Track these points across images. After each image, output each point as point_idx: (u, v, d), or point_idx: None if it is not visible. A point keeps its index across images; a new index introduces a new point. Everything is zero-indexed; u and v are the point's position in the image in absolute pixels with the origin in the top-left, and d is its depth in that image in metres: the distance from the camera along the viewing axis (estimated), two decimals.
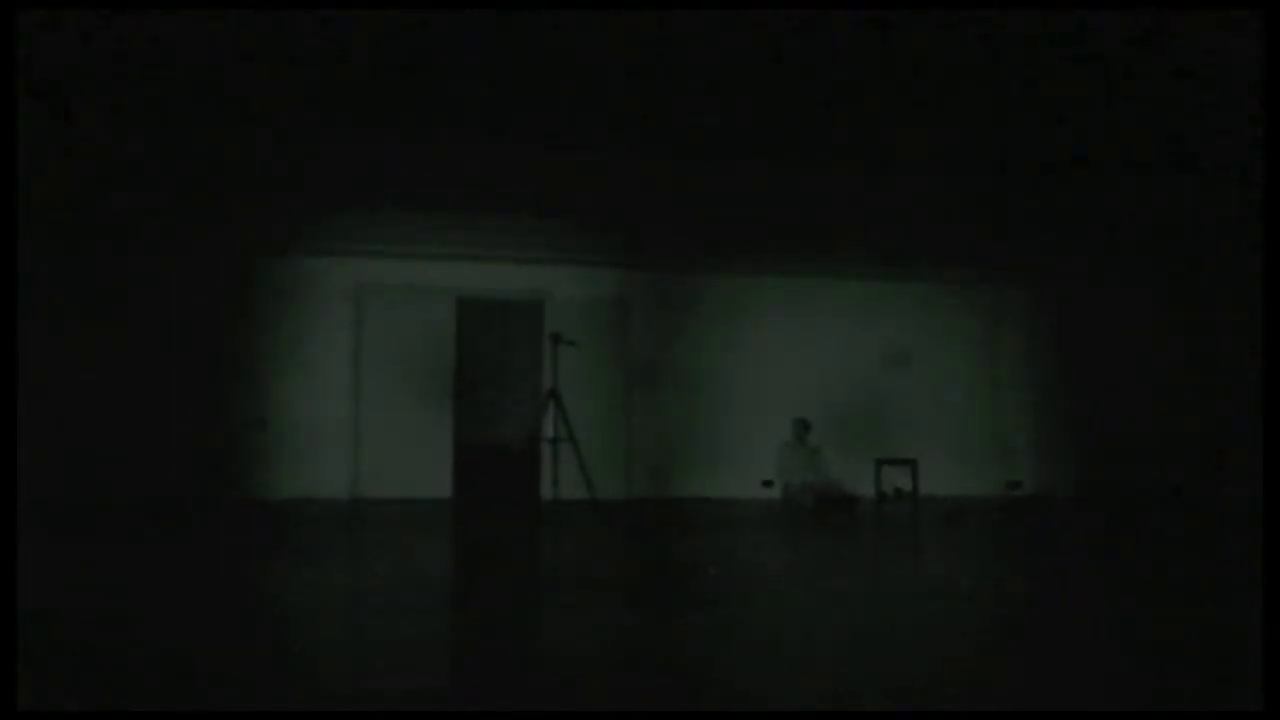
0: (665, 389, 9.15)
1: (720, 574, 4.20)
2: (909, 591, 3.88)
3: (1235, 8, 4.27)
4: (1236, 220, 6.75)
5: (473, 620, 3.37)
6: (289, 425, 8.18)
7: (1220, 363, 9.15)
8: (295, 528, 6.13)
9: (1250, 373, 6.80)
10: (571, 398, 7.56)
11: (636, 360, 9.13)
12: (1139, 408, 9.38)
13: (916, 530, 6.58)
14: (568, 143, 6.94)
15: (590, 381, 8.80)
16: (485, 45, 4.55)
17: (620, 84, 4.91)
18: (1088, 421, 9.48)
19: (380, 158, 8.08)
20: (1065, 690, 2.00)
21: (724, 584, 3.94)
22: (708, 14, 4.37)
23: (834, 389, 9.41)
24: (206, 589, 3.84)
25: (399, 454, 8.45)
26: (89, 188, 7.19)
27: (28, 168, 5.89)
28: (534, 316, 9.23)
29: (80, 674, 2.22)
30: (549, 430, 7.25)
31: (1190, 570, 4.60)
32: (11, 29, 2.79)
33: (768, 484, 8.45)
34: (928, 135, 5.67)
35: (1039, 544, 5.88)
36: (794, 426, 8.39)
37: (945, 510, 7.90)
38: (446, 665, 2.76)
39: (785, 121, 5.53)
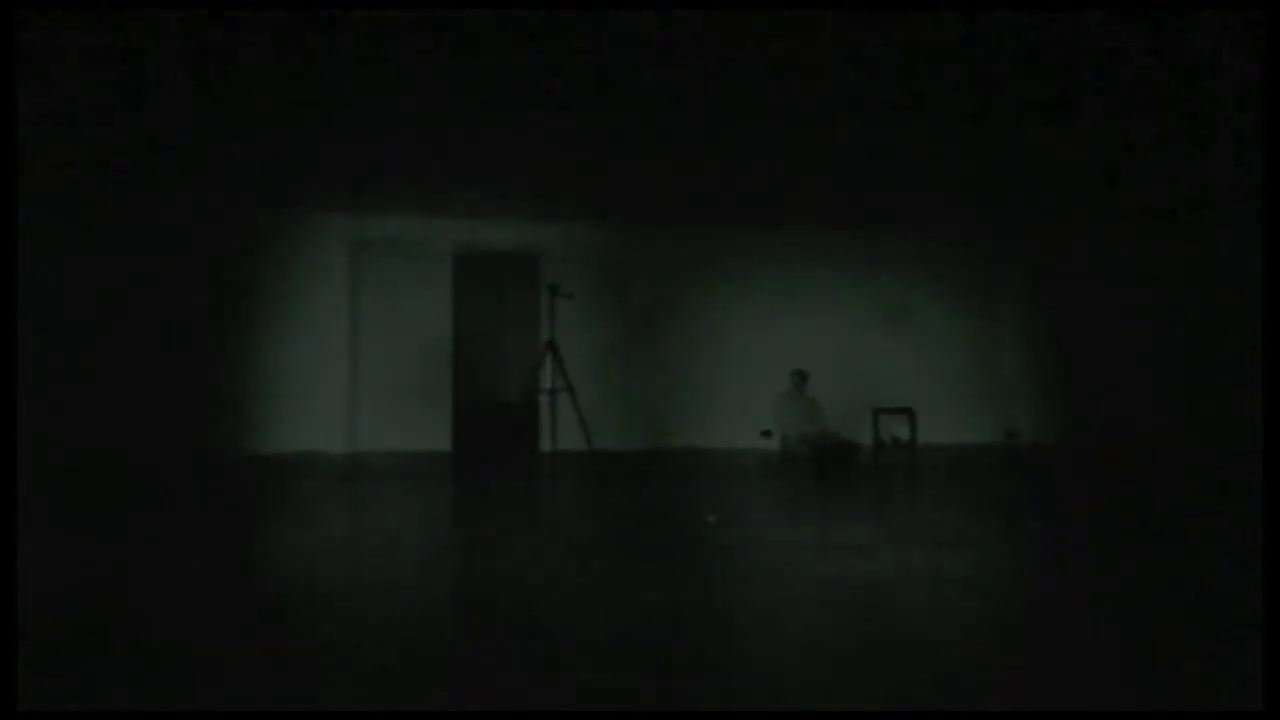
0: (663, 341, 9.14)
1: (718, 523, 4.23)
2: (903, 544, 3.91)
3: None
4: (1237, 154, 6.65)
5: (465, 579, 3.40)
6: (288, 380, 8.19)
7: (1223, 312, 9.11)
8: (294, 483, 6.16)
9: (1253, 323, 6.77)
10: (570, 350, 7.54)
11: (634, 312, 9.11)
12: (1138, 357, 9.36)
13: (916, 479, 6.62)
14: (566, 97, 6.80)
15: (588, 334, 8.79)
16: (486, 7, 4.45)
17: (618, 39, 4.81)
18: (1087, 370, 9.48)
19: (377, 113, 7.94)
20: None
21: (722, 533, 3.97)
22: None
23: (832, 340, 9.41)
24: (205, 548, 3.89)
25: (398, 408, 8.48)
26: (89, 150, 7.05)
27: (27, 151, 5.82)
28: (532, 270, 9.18)
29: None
30: (547, 382, 7.25)
31: (1183, 525, 4.64)
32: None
33: (766, 434, 8.48)
34: (926, 86, 5.56)
35: (1036, 497, 5.93)
36: (792, 377, 8.39)
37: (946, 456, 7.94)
38: (441, 627, 2.80)
39: (784, 75, 5.43)
